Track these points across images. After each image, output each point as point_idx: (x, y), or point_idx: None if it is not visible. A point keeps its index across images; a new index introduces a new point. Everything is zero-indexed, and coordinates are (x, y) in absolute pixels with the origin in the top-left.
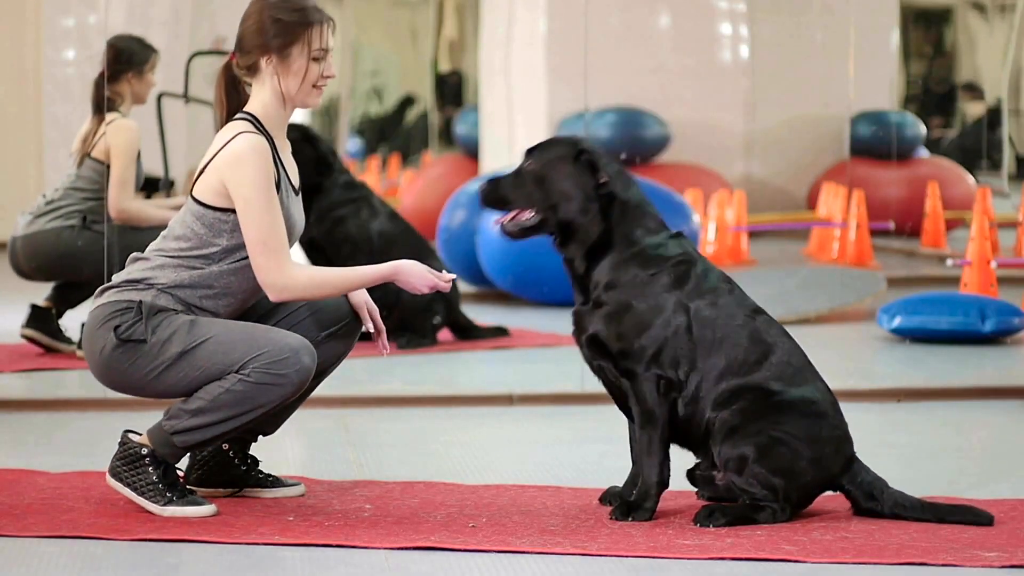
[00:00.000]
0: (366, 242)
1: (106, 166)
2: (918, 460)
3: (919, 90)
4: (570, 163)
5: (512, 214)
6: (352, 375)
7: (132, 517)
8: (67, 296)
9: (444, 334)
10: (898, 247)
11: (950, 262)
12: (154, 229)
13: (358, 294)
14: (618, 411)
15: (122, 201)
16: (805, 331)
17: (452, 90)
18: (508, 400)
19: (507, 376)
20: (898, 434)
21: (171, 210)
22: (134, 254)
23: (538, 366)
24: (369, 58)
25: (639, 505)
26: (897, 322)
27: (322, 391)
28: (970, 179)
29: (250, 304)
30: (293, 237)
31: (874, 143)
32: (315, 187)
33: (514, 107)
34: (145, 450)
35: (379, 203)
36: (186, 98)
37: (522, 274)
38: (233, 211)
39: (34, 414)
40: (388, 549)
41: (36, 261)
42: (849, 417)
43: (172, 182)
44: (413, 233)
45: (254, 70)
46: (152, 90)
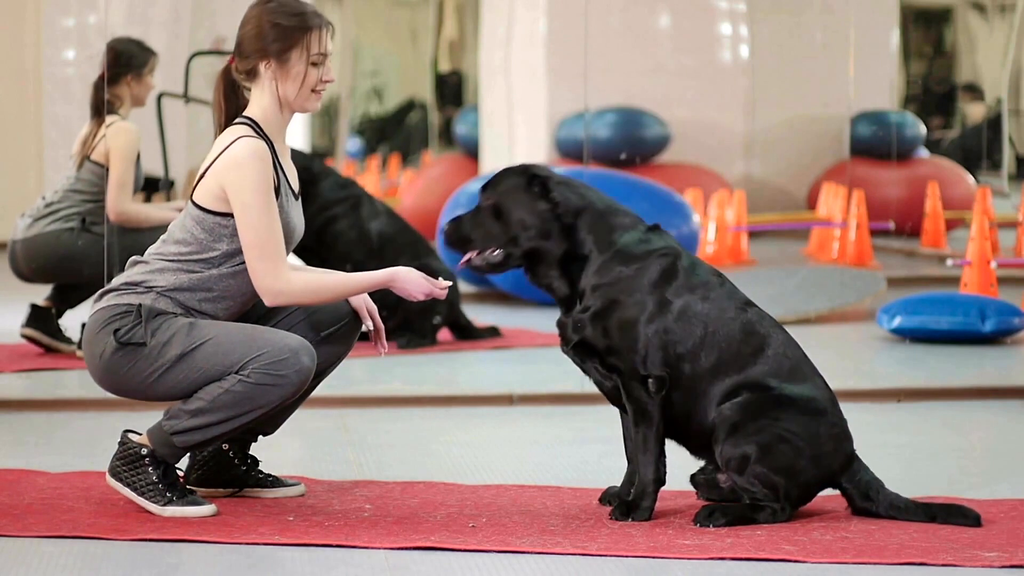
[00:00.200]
0: (362, 240)
1: (105, 169)
2: (918, 460)
3: (919, 90)
4: (523, 192)
5: (476, 252)
6: (352, 375)
7: (132, 517)
8: (67, 296)
9: (444, 334)
10: (898, 247)
11: (950, 262)
12: (153, 231)
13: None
14: (617, 411)
15: (121, 203)
16: (805, 331)
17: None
18: (508, 400)
19: (507, 376)
20: (898, 434)
21: (170, 211)
22: (133, 257)
23: (538, 366)
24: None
25: (638, 504)
26: (897, 322)
27: (322, 391)
28: (970, 179)
29: (249, 307)
30: (293, 242)
31: (874, 143)
32: (302, 195)
33: (514, 107)
34: (145, 450)
35: (372, 200)
36: (186, 98)
37: (522, 274)
38: (233, 215)
39: (34, 414)
40: (388, 549)
41: (36, 263)
42: (849, 417)
43: (172, 182)
44: (410, 230)
45: (253, 75)
46: (151, 92)
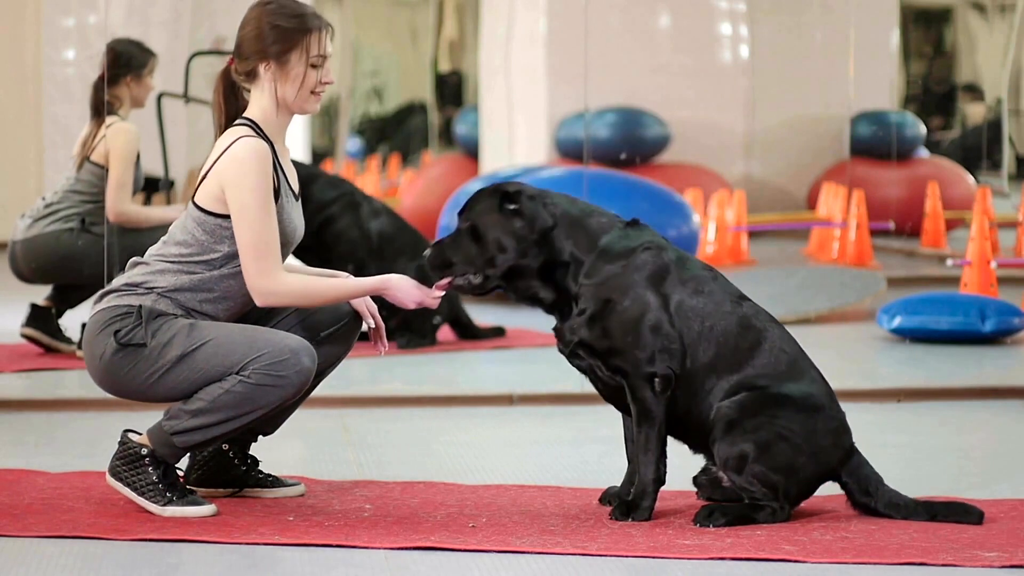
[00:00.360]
0: (361, 239)
1: (105, 169)
2: (918, 460)
3: (919, 90)
4: (496, 212)
5: (456, 276)
6: (352, 375)
7: (132, 517)
8: (67, 296)
9: (444, 334)
10: (898, 247)
11: (950, 262)
12: (153, 231)
13: None
14: (617, 410)
15: (120, 203)
16: (805, 331)
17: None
18: (508, 400)
19: (507, 376)
20: (898, 434)
21: (170, 212)
22: (134, 259)
23: (538, 366)
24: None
25: (638, 504)
26: (897, 322)
27: (322, 391)
28: (970, 179)
29: (249, 307)
30: (294, 243)
31: (874, 143)
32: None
33: (514, 107)
34: (145, 450)
35: (366, 198)
36: (186, 98)
37: None
38: None
39: (34, 414)
40: (388, 549)
41: (36, 264)
42: (849, 417)
43: (172, 182)
44: (408, 229)
45: (253, 76)
46: (151, 93)
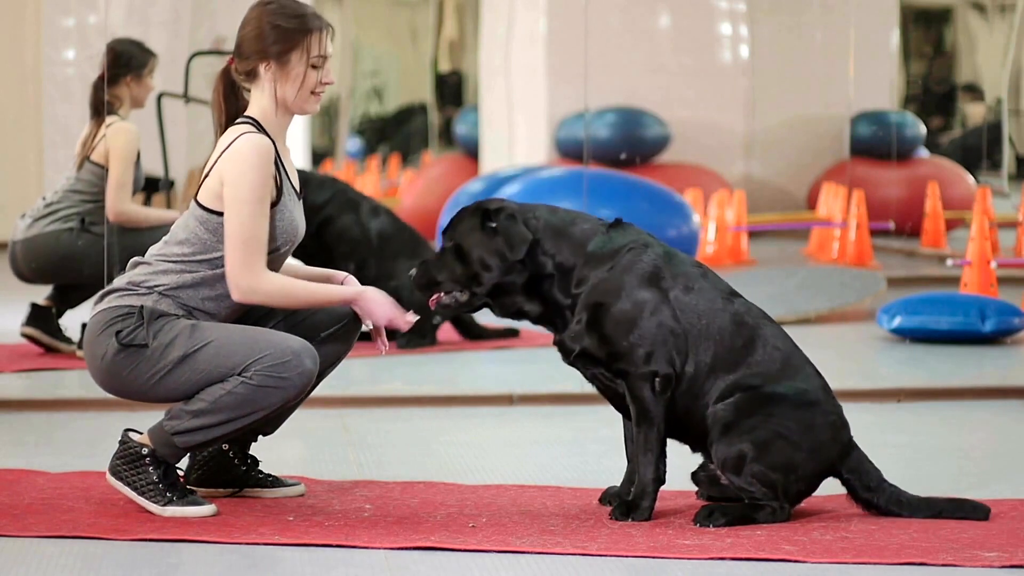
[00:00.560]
0: (363, 237)
1: (105, 169)
2: (918, 460)
3: (919, 90)
4: (479, 231)
5: (443, 294)
6: (352, 375)
7: (132, 517)
8: (67, 295)
9: (444, 334)
10: (898, 247)
11: (950, 262)
12: (153, 231)
13: None
14: (617, 412)
15: (120, 203)
16: (805, 331)
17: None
18: (508, 400)
19: (507, 376)
20: (898, 434)
21: (170, 212)
22: (135, 258)
23: (538, 366)
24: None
25: (638, 504)
26: (897, 322)
27: (322, 391)
28: (970, 179)
29: (249, 306)
30: (296, 241)
31: (874, 143)
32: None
33: (514, 107)
34: (146, 450)
35: (358, 194)
36: (186, 98)
37: None
38: None
39: (34, 414)
40: (388, 549)
41: (35, 264)
42: (849, 417)
43: (172, 183)
44: (405, 227)
45: (253, 76)
46: (151, 94)
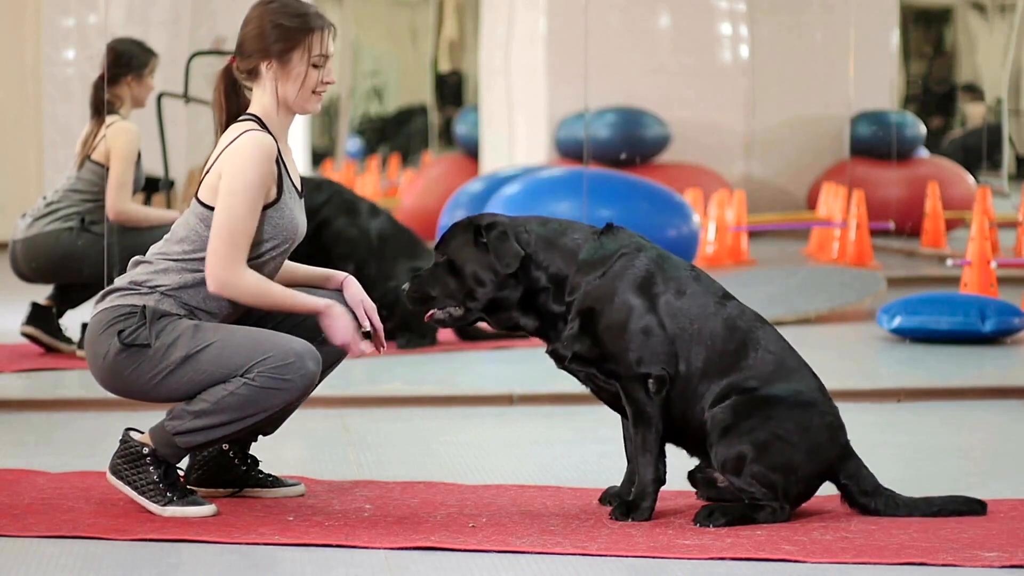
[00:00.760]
0: (361, 238)
1: (105, 168)
2: (918, 460)
3: (919, 90)
4: (472, 246)
5: (437, 309)
6: (352, 375)
7: (132, 517)
8: (68, 295)
9: (444, 334)
10: (898, 247)
11: (950, 262)
12: (153, 230)
13: (355, 293)
14: (616, 413)
15: (120, 203)
16: (805, 331)
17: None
18: (508, 400)
19: (507, 376)
20: (898, 434)
21: (170, 211)
22: (136, 257)
23: (538, 366)
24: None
25: (638, 504)
26: (897, 322)
27: (322, 391)
28: (970, 179)
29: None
30: (296, 240)
31: (874, 143)
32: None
33: (514, 107)
34: (146, 449)
35: (353, 194)
36: (186, 98)
37: None
38: None
39: (34, 414)
40: (388, 549)
41: (36, 263)
42: (849, 417)
43: (172, 182)
44: (403, 228)
45: (254, 75)
46: (151, 93)
